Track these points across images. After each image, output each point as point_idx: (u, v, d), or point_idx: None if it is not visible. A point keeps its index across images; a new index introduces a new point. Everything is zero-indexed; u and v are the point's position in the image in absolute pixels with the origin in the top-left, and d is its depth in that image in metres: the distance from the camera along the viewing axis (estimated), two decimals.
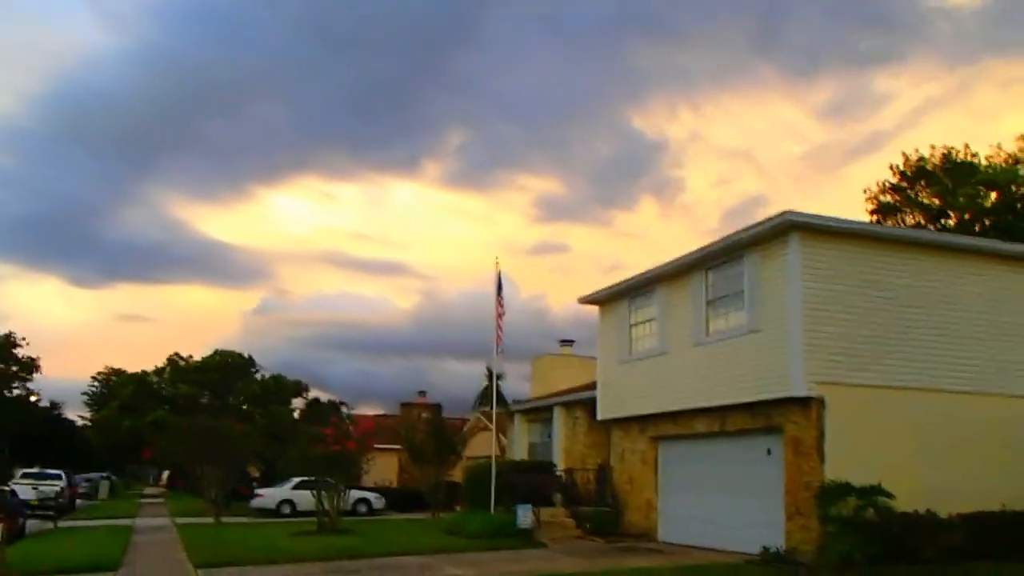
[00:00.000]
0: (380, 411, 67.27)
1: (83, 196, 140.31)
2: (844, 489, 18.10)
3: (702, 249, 22.46)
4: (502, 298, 28.39)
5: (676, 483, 24.65)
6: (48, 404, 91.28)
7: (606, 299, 27.75)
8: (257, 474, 54.65)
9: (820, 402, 19.01)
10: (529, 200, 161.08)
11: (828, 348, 19.35)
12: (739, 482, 21.72)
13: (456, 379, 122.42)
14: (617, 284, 26.69)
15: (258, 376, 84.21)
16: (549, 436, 34.15)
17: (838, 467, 18.59)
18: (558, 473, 30.82)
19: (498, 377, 31.04)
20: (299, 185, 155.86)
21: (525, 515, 25.13)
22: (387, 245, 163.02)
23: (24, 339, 79.80)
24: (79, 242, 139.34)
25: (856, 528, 17.61)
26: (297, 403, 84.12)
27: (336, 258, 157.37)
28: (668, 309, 24.47)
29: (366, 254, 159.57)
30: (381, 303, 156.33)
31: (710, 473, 23.04)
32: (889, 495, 17.96)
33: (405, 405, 58.14)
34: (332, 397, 79.69)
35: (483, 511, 27.44)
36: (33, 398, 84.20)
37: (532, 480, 28.35)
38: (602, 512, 26.64)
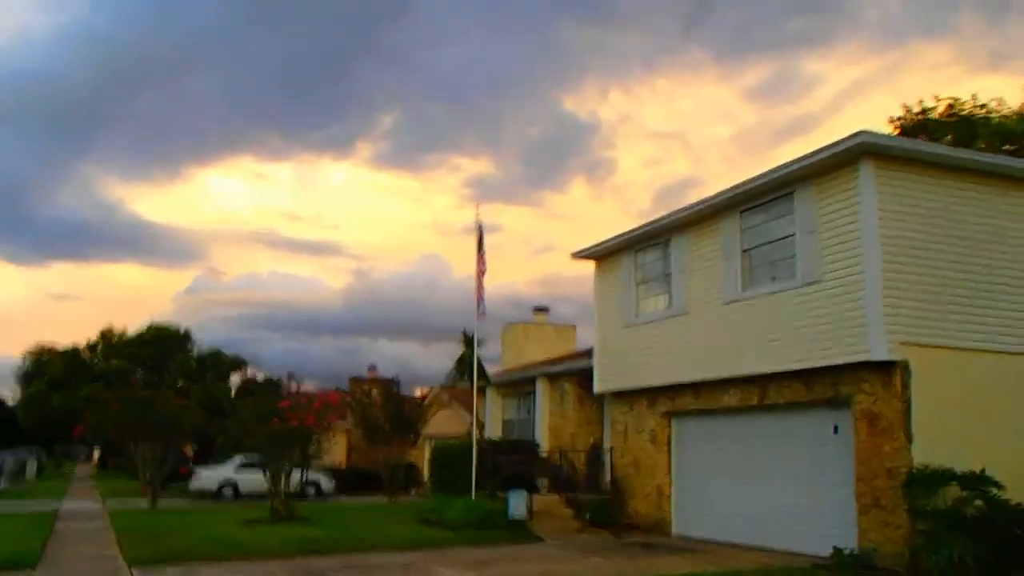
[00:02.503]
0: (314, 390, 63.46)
1: (16, 174, 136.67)
2: (943, 476, 14.54)
3: (735, 188, 18.74)
4: (484, 253, 24.57)
5: (696, 467, 20.96)
6: None
7: (605, 254, 23.96)
8: (191, 453, 50.86)
9: (904, 367, 15.35)
10: (461, 181, 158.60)
11: (912, 302, 15.69)
12: (787, 466, 18.03)
13: (388, 359, 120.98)
14: (620, 235, 22.92)
15: (194, 351, 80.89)
16: (529, 412, 30.42)
17: (928, 448, 15.03)
18: (542, 454, 27.24)
19: (478, 343, 26.93)
20: (232, 165, 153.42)
21: (518, 503, 21.47)
22: (320, 225, 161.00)
23: None
24: (12, 220, 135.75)
25: (962, 526, 14.06)
26: (235, 380, 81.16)
27: (269, 238, 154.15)
28: (688, 262, 20.74)
29: (299, 234, 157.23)
30: (313, 283, 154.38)
31: (744, 455, 19.36)
32: (998, 484, 14.45)
33: (355, 380, 54.02)
34: (268, 375, 76.06)
35: (459, 497, 23.69)
36: None
37: (520, 462, 24.69)
38: (603, 500, 22.96)
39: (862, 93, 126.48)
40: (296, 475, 26.40)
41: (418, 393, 45.92)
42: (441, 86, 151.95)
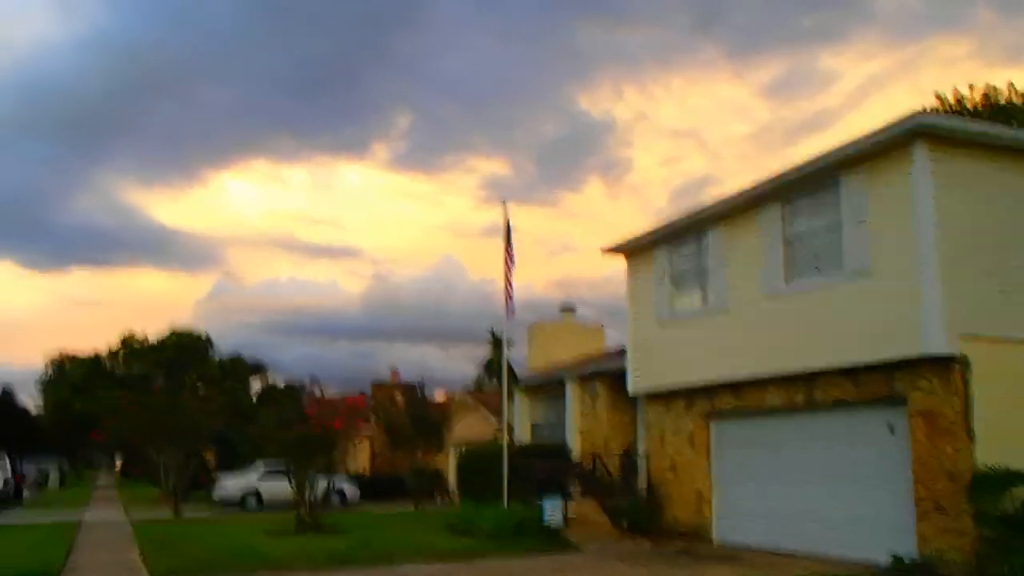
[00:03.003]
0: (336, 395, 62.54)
1: (35, 181, 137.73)
2: (1010, 478, 13.68)
3: (776, 177, 17.85)
4: (512, 248, 23.70)
5: (738, 470, 20.04)
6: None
7: (638, 248, 23.05)
8: (213, 460, 50.17)
9: (964, 362, 14.44)
10: (477, 182, 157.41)
11: (971, 292, 14.80)
12: (836, 469, 17.07)
13: (405, 363, 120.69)
14: (653, 229, 22.08)
15: (215, 357, 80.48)
16: (559, 415, 29.50)
17: (992, 448, 14.11)
18: (570, 458, 26.39)
19: (508, 344, 25.87)
20: (248, 169, 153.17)
21: (554, 511, 20.64)
22: (337, 228, 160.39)
23: None
24: (31, 227, 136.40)
25: None
26: (256, 385, 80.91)
27: (286, 242, 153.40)
28: (727, 255, 19.87)
29: (316, 238, 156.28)
30: (331, 287, 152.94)
31: (789, 457, 18.42)
32: None
33: (377, 385, 53.12)
34: (289, 380, 75.48)
35: (489, 504, 22.82)
36: None
37: (552, 467, 23.84)
38: (639, 506, 22.09)
39: (879, 88, 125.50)
40: (322, 483, 25.57)
41: (438, 397, 45.06)
42: (454, 88, 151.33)
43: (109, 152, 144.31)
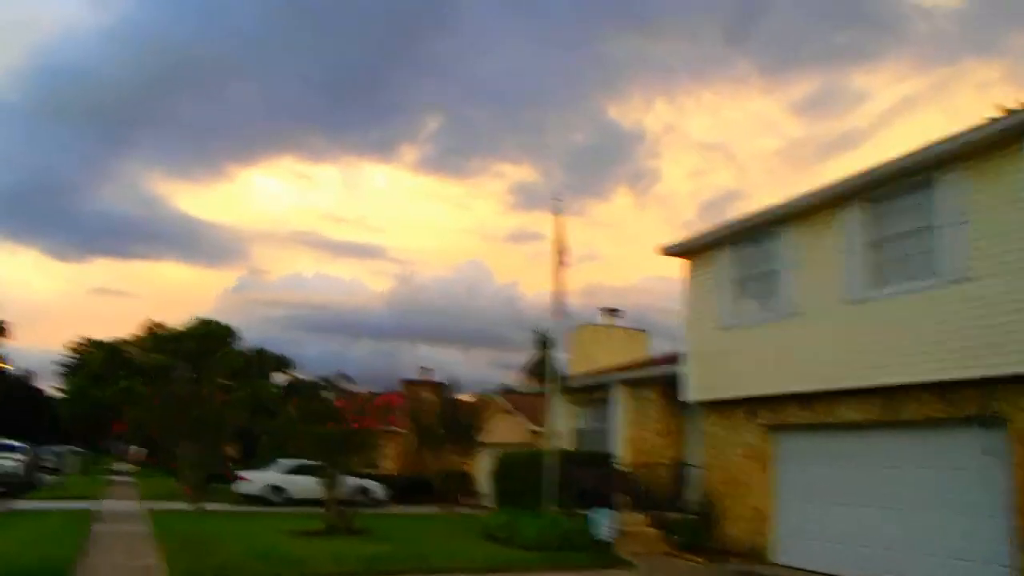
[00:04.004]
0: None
1: (62, 170, 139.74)
2: None
3: (862, 174, 16.57)
4: (565, 246, 22.48)
5: (803, 488, 18.65)
6: (22, 373, 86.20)
7: (700, 248, 21.73)
8: (235, 454, 49.08)
9: None
10: (504, 187, 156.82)
11: None
12: (917, 492, 15.69)
13: (427, 365, 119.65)
14: (717, 228, 20.84)
15: (240, 349, 79.57)
16: (602, 421, 28.14)
17: None
18: (617, 467, 25.04)
19: (556, 345, 24.56)
20: (276, 165, 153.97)
21: (608, 523, 19.33)
22: (363, 228, 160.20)
23: None
24: (58, 216, 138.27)
25: None
26: (278, 380, 79.96)
27: (312, 239, 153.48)
28: (802, 257, 18.52)
29: (342, 236, 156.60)
30: (355, 286, 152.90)
31: (864, 477, 17.02)
32: None
33: (408, 383, 51.85)
34: (318, 375, 74.52)
35: (527, 512, 21.49)
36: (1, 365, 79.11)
37: (598, 476, 22.52)
38: (693, 521, 20.74)
39: (910, 110, 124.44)
40: (350, 482, 24.37)
41: (492, 397, 43.91)
42: (484, 93, 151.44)
43: (135, 143, 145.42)
